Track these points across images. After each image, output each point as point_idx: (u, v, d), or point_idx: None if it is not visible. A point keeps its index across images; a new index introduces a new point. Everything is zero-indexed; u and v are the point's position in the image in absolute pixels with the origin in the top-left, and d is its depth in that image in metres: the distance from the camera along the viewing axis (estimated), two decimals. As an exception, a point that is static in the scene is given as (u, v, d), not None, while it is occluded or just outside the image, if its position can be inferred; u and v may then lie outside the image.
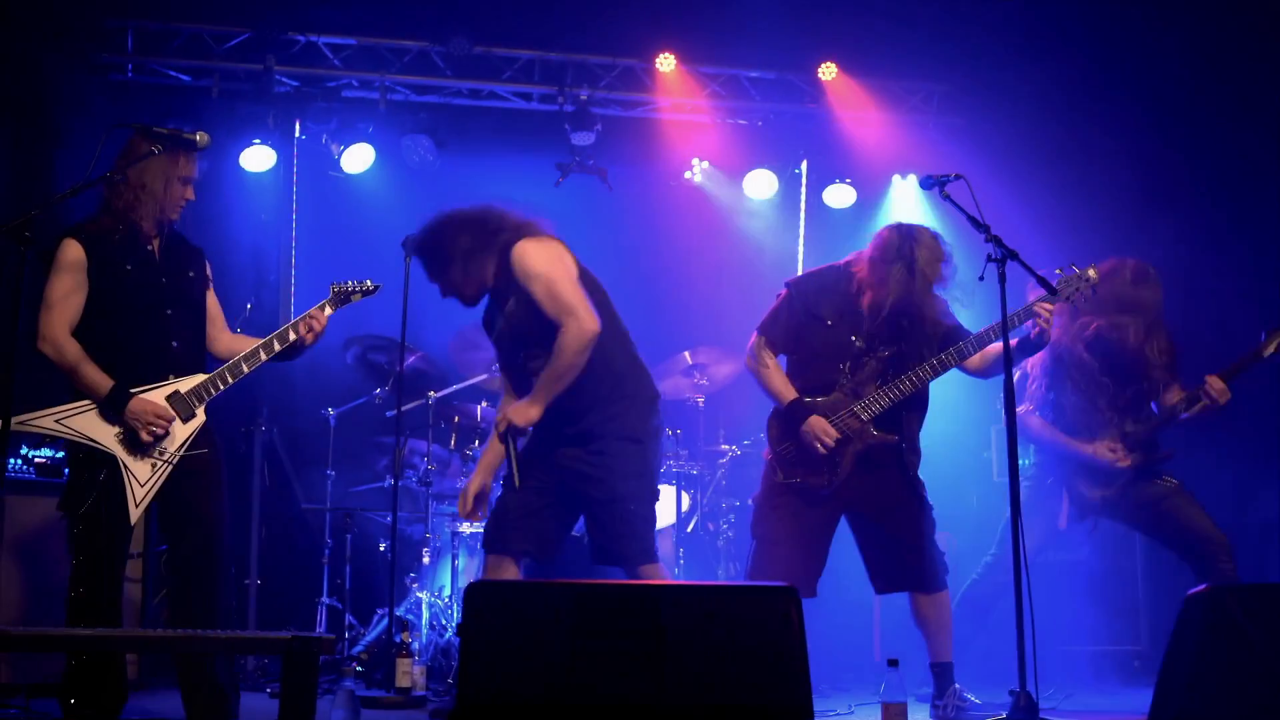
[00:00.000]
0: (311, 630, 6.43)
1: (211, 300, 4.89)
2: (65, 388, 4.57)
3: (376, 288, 5.14)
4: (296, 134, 7.96)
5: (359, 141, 7.98)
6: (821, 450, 5.06)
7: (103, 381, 4.48)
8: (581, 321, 4.59)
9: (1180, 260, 7.03)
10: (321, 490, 7.19)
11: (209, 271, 4.92)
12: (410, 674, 5.77)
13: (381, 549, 7.08)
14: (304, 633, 3.51)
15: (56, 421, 4.45)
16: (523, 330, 4.77)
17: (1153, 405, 5.66)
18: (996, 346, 5.06)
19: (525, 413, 4.70)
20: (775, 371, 5.27)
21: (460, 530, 6.64)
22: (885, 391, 5.09)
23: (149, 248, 4.67)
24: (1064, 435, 5.66)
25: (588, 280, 4.79)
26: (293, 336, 4.80)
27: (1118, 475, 5.56)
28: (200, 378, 4.66)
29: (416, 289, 6.25)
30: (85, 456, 4.51)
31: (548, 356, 4.65)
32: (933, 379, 5.13)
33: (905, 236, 5.08)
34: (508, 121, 8.41)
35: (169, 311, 4.67)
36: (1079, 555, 7.07)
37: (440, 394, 7.05)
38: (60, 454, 6.08)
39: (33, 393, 4.45)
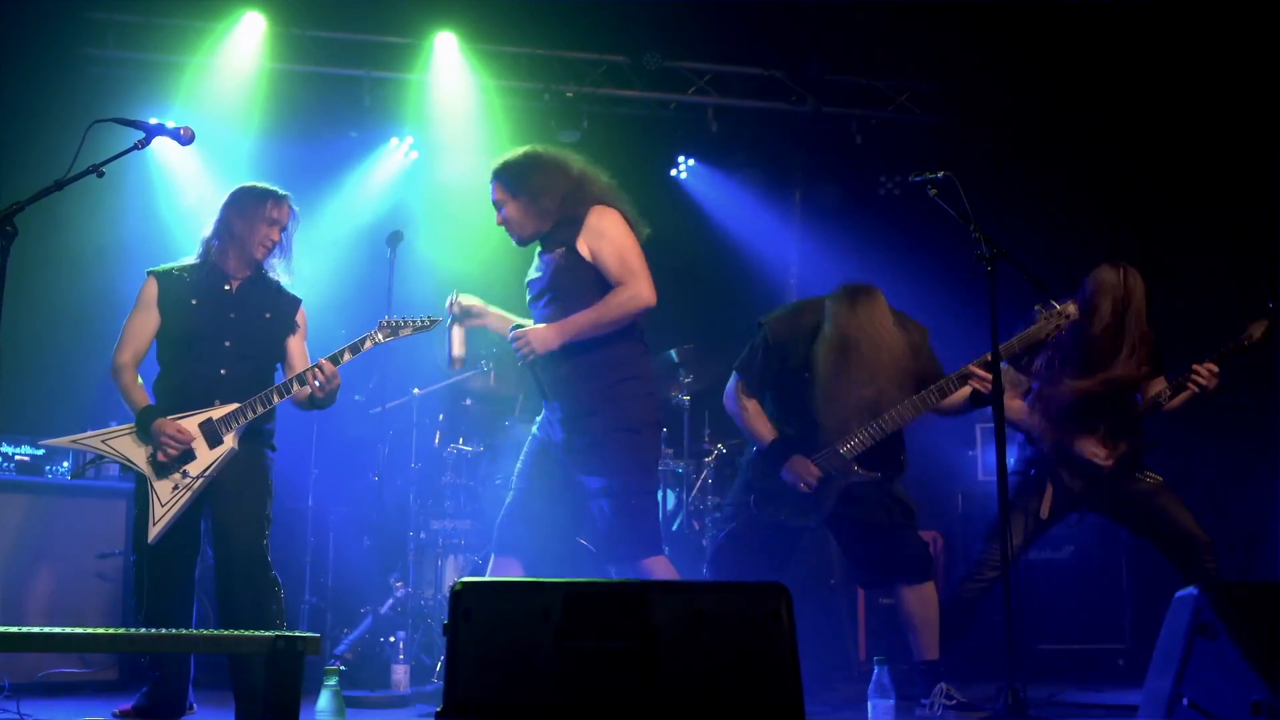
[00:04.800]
0: (295, 629, 6.40)
1: (295, 345, 5.00)
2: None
3: (433, 323, 4.99)
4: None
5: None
6: (805, 489, 5.07)
7: (139, 405, 4.77)
8: (643, 288, 4.73)
9: (1169, 253, 7.04)
10: (304, 488, 7.14)
11: (299, 319, 5.04)
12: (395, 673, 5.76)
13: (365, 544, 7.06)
14: (289, 632, 3.48)
15: (103, 441, 4.76)
16: (555, 282, 4.81)
17: (1137, 396, 5.60)
18: (960, 394, 5.08)
19: (544, 337, 4.73)
20: (754, 414, 5.28)
21: (444, 528, 6.60)
22: (867, 429, 5.08)
23: (225, 287, 4.89)
24: (1050, 424, 5.61)
25: None
26: (296, 387, 4.83)
27: (1100, 470, 5.51)
28: (233, 406, 4.76)
29: (400, 283, 6.24)
30: (137, 474, 4.76)
31: (560, 307, 4.75)
32: (914, 418, 5.11)
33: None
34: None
35: (226, 344, 4.83)
36: (1062, 554, 7.08)
37: (424, 390, 7.01)
38: (40, 452, 6.07)
39: (117, 411, 4.98)
